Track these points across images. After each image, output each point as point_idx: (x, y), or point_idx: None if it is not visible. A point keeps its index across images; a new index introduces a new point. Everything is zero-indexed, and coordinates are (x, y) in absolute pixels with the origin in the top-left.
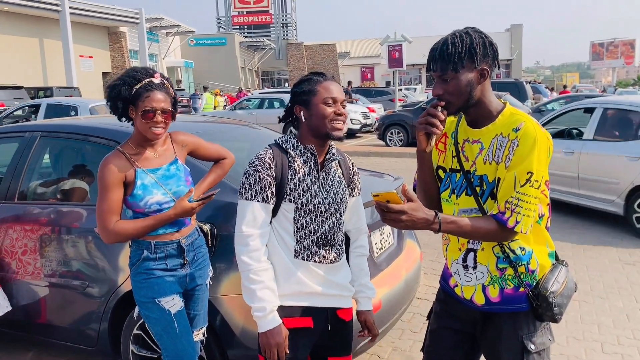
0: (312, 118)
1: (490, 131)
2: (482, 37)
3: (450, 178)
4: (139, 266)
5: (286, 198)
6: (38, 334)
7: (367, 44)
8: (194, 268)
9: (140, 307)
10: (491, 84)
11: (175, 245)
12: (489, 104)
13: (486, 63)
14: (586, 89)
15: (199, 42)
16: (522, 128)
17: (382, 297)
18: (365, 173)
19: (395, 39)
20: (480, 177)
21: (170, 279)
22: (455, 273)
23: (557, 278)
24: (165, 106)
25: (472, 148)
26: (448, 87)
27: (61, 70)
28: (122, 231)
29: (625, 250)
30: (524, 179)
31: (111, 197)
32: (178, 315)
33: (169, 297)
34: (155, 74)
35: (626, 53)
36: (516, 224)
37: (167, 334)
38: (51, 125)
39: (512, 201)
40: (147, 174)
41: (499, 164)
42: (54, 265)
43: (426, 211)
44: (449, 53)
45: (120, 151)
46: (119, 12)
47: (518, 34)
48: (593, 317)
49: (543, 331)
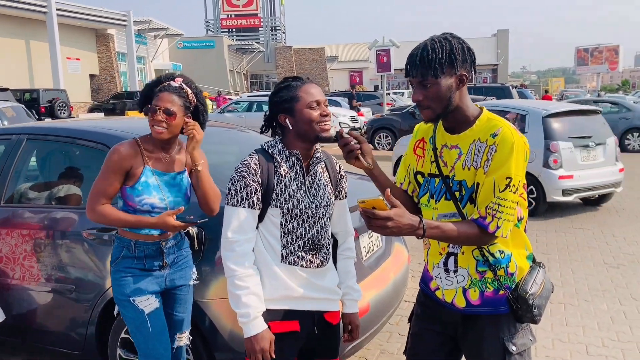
0: (299, 124)
1: (468, 137)
2: (460, 42)
3: (429, 183)
4: (118, 264)
5: (272, 203)
6: (25, 339)
7: (356, 48)
8: (174, 269)
9: (117, 305)
10: (478, 89)
11: (155, 247)
12: (466, 110)
13: (465, 69)
14: (572, 94)
15: (188, 45)
16: (499, 133)
17: (371, 300)
18: (353, 177)
19: (383, 43)
20: (459, 182)
21: (148, 279)
22: (437, 277)
23: (535, 280)
24: (170, 107)
25: (451, 153)
26: (428, 93)
27: (48, 72)
28: (105, 216)
29: (609, 253)
30: (504, 185)
31: (109, 182)
32: (152, 315)
33: (144, 296)
34: (176, 78)
35: (610, 59)
36: (497, 228)
37: (140, 333)
38: (38, 128)
39: (493, 206)
40: (154, 174)
41: (477, 169)
42: (40, 269)
43: (411, 217)
44: (430, 59)
45: (137, 142)
46: (107, 14)
47: (504, 39)
48: (578, 320)
49: (524, 332)
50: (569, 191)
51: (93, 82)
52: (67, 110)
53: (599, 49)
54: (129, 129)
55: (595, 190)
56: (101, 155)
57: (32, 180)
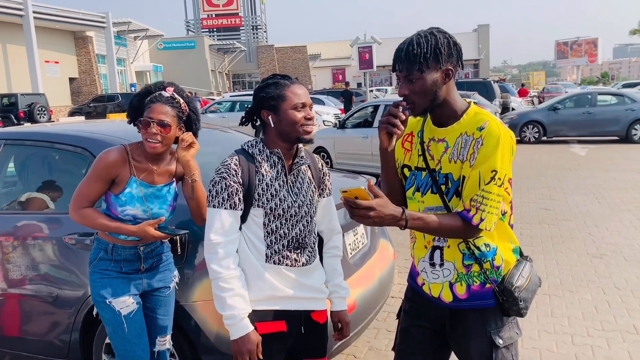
0: (282, 123)
1: (455, 130)
2: (446, 37)
3: (416, 176)
4: (95, 265)
5: (255, 203)
6: (6, 347)
7: (338, 45)
8: (152, 273)
9: (95, 306)
10: (460, 84)
11: (133, 252)
12: (454, 104)
13: (451, 63)
14: (552, 87)
15: (168, 45)
16: (486, 127)
17: (357, 297)
18: (338, 174)
19: (365, 40)
20: (445, 176)
21: (124, 281)
22: (422, 271)
23: (521, 273)
24: (164, 118)
25: (438, 147)
26: (414, 88)
27: (26, 76)
28: (87, 219)
29: (593, 244)
30: (489, 177)
31: (94, 186)
32: (129, 317)
33: (121, 298)
34: (167, 88)
35: (589, 51)
36: (481, 221)
37: (116, 335)
38: (16, 133)
39: (477, 199)
40: (139, 186)
41: (463, 162)
42: (21, 275)
43: (393, 207)
44: (415, 54)
45: (126, 150)
46: (85, 16)
47: (485, 34)
48: (563, 310)
49: (510, 326)
50: None
51: (73, 85)
52: (47, 115)
53: (578, 42)
54: (109, 132)
55: None
56: (81, 159)
57: (10, 186)
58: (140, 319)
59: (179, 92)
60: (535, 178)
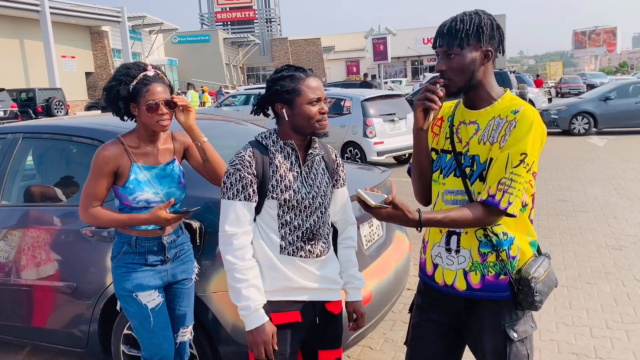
0: (296, 118)
1: (488, 113)
2: (490, 19)
3: (440, 159)
4: (120, 259)
5: (269, 195)
6: (28, 338)
7: (352, 37)
8: (176, 264)
9: (119, 300)
10: None
11: (157, 242)
12: (489, 88)
13: (492, 45)
14: (570, 77)
15: (183, 39)
16: (520, 110)
17: (372, 289)
18: (353, 166)
19: (379, 31)
20: (472, 157)
21: (150, 273)
22: (437, 256)
23: (540, 265)
24: (166, 97)
25: (468, 129)
26: (451, 64)
27: (43, 71)
28: (98, 218)
29: (611, 235)
30: (518, 160)
31: (98, 184)
32: (155, 310)
33: (147, 292)
34: (148, 67)
35: (608, 41)
36: (508, 204)
37: (143, 328)
38: (34, 127)
39: (505, 182)
40: (142, 170)
41: (493, 144)
42: (41, 267)
43: (410, 216)
44: (457, 29)
45: (121, 141)
46: (100, 11)
47: (501, 24)
48: (581, 303)
49: (525, 319)
50: (382, 152)
51: (89, 79)
52: (64, 109)
53: (596, 32)
54: (125, 125)
55: (402, 151)
56: None
57: (29, 179)
58: (165, 312)
59: (154, 67)
60: (552, 169)
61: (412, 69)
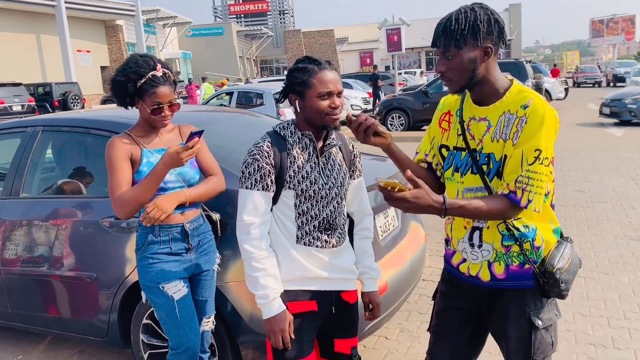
0: (307, 110)
1: (497, 109)
2: (487, 13)
3: (454, 157)
4: (144, 250)
5: (286, 185)
6: (49, 327)
7: (365, 28)
8: (199, 253)
9: (145, 292)
10: None
11: (180, 229)
12: (494, 82)
13: (491, 41)
14: (587, 67)
15: (196, 32)
16: (530, 105)
17: (388, 279)
18: (368, 157)
19: (393, 22)
20: (487, 156)
21: (175, 264)
22: (463, 251)
23: (562, 254)
24: (171, 100)
25: (479, 126)
26: (450, 64)
27: (59, 65)
28: (125, 199)
29: (629, 226)
30: (532, 157)
31: (120, 171)
32: (181, 301)
33: (173, 282)
34: (157, 67)
35: (626, 29)
36: (529, 202)
37: (169, 319)
38: (53, 120)
39: (523, 180)
40: (153, 153)
41: (506, 141)
42: (62, 258)
43: (432, 198)
44: (452, 30)
45: (127, 133)
46: (115, 5)
47: (517, 14)
48: (599, 293)
49: (550, 307)
50: None
51: (104, 73)
52: (80, 103)
53: (614, 20)
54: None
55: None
56: None
57: (48, 172)
58: (191, 303)
59: (162, 64)
60: (569, 160)
61: (426, 60)
